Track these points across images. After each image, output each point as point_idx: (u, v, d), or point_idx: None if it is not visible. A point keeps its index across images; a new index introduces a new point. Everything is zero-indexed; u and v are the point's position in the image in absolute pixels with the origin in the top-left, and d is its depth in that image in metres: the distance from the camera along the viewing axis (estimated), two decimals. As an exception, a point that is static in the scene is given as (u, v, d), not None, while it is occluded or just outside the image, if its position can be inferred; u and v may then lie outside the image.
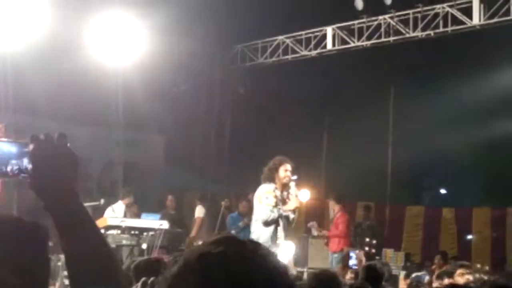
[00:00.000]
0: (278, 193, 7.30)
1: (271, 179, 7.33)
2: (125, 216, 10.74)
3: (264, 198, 7.22)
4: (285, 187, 7.39)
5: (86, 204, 1.73)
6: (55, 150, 1.46)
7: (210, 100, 17.62)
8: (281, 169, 7.36)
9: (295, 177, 7.44)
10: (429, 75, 17.21)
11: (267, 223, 7.14)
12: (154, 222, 10.10)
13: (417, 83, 17.29)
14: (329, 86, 17.82)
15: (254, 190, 12.47)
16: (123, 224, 9.69)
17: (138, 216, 10.90)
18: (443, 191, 23.38)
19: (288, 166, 7.40)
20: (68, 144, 1.51)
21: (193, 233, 12.12)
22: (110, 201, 11.18)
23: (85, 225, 1.43)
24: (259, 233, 7.17)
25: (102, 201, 10.62)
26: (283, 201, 7.35)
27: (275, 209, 7.17)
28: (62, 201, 1.41)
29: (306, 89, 17.45)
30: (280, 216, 7.18)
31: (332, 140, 18.45)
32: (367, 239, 11.91)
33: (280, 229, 7.20)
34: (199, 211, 12.24)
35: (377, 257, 11.57)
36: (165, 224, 10.02)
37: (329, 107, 18.38)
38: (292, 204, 7.28)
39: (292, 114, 17.37)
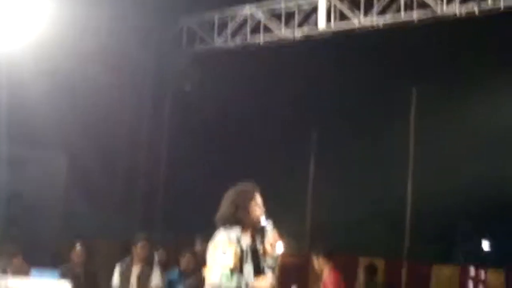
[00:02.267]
0: (245, 243, 7.08)
1: (235, 220, 7.10)
2: (3, 272, 10.55)
3: (219, 254, 6.98)
4: (256, 230, 7.20)
5: None
6: None
7: (139, 102, 17.52)
8: (251, 204, 7.15)
9: (268, 221, 7.28)
10: (468, 75, 17.46)
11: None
12: (50, 283, 10.11)
13: (450, 86, 17.51)
14: (319, 85, 17.96)
15: (204, 237, 12.42)
16: (3, 287, 9.52)
17: (26, 273, 10.81)
18: (486, 244, 23.56)
19: (259, 199, 7.24)
20: None
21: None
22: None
23: None
24: None
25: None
26: (255, 254, 7.14)
27: (234, 276, 6.90)
28: None
29: (285, 89, 17.51)
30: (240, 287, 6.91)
31: (322, 165, 18.46)
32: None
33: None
34: (114, 279, 12.01)
35: None
36: (67, 286, 9.96)
37: (319, 117, 18.47)
38: (264, 282, 7.08)
39: (263, 126, 17.40)
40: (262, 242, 7.19)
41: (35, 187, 15.86)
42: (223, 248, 6.86)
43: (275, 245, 7.16)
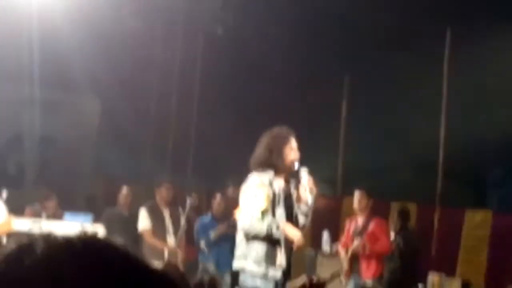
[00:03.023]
0: (278, 186, 7.06)
1: (269, 164, 7.09)
2: (38, 216, 10.73)
3: (250, 196, 6.97)
4: (291, 175, 7.20)
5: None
6: None
7: (171, 47, 17.51)
8: (286, 148, 7.13)
9: (302, 167, 7.28)
10: (505, 13, 17.20)
11: (249, 237, 6.91)
12: (84, 226, 9.98)
13: (485, 26, 17.26)
14: (353, 28, 17.81)
15: (235, 183, 12.46)
16: (37, 230, 9.56)
17: (59, 217, 10.97)
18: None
19: (294, 143, 7.22)
20: None
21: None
22: (16, 193, 11.22)
23: None
24: (245, 249, 6.96)
25: (4, 193, 10.57)
26: (288, 199, 7.14)
27: (265, 218, 6.88)
28: None
29: (318, 33, 17.39)
30: (270, 229, 6.89)
31: (353, 110, 18.36)
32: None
33: (280, 250, 6.95)
34: (143, 221, 12.06)
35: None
36: (101, 231, 10.12)
37: (351, 60, 18.33)
38: (295, 231, 7.07)
39: (295, 70, 17.33)
40: (297, 187, 7.20)
41: (68, 132, 15.99)
42: (255, 190, 6.87)
43: (309, 191, 7.16)
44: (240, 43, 16.88)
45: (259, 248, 6.84)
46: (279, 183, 7.05)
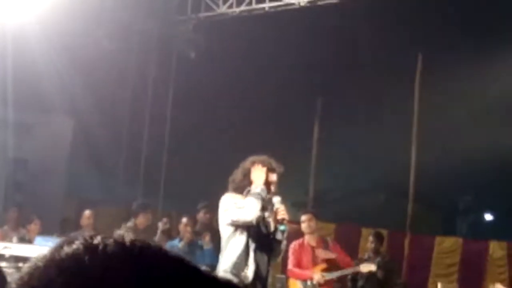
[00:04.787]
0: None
1: (242, 187, 7.31)
2: (8, 239, 10.71)
3: (240, 201, 7.25)
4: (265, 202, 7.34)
5: None
6: None
7: (144, 69, 17.49)
8: (258, 174, 7.34)
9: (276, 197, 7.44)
10: (475, 41, 17.37)
11: (234, 223, 7.15)
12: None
13: (456, 52, 17.42)
14: (325, 52, 17.88)
15: (209, 205, 12.48)
16: (7, 253, 9.58)
17: (28, 240, 10.94)
18: (488, 216, 23.53)
19: (272, 172, 7.40)
20: None
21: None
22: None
23: None
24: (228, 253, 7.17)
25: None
26: (263, 221, 7.33)
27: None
28: None
29: (290, 56, 17.45)
30: (258, 218, 7.14)
31: (326, 134, 18.44)
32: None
33: (252, 244, 7.17)
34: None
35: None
36: None
37: (324, 85, 18.40)
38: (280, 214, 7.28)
39: (268, 92, 17.37)
40: (269, 216, 7.35)
41: (41, 153, 15.87)
42: (235, 200, 7.11)
43: (281, 220, 7.31)
44: (212, 65, 16.91)
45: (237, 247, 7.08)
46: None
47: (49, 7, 13.86)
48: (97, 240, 1.20)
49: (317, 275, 11.28)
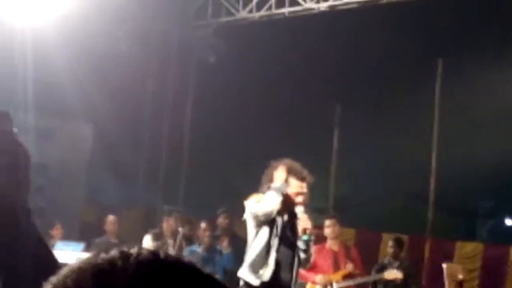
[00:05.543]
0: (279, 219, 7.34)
1: (276, 189, 7.36)
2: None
3: (252, 202, 7.33)
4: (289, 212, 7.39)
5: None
6: None
7: (163, 74, 17.52)
8: (294, 181, 7.41)
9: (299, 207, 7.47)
10: (496, 46, 17.29)
11: (255, 217, 7.21)
12: (76, 255, 9.80)
13: (478, 57, 17.33)
14: (345, 57, 17.86)
15: (228, 211, 12.48)
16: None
17: (51, 245, 10.77)
18: (509, 221, 23.42)
19: (304, 184, 7.45)
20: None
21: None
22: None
23: None
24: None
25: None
26: (287, 230, 7.36)
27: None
28: None
29: (310, 61, 17.44)
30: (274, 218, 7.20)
31: (345, 140, 18.40)
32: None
33: (274, 245, 7.23)
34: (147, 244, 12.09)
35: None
36: None
37: (343, 90, 18.37)
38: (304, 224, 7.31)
39: (287, 98, 17.35)
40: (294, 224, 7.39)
41: (61, 158, 15.93)
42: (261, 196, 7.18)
43: (304, 230, 7.33)
44: (232, 70, 16.92)
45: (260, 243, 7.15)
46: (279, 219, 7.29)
47: (68, 11, 13.93)
48: (133, 250, 1.24)
49: (321, 279, 11.30)
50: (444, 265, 12.74)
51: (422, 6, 15.21)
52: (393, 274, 12.10)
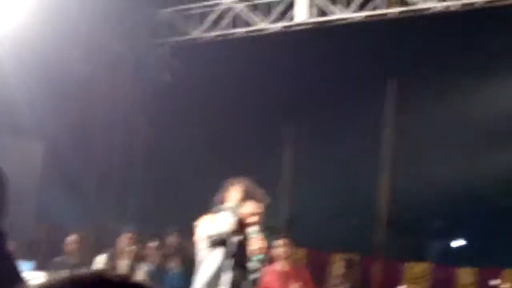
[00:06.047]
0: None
1: (227, 209, 7.38)
2: None
3: (206, 222, 7.28)
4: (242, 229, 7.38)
5: None
6: None
7: (117, 92, 17.41)
8: (248, 202, 7.40)
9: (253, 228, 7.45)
10: (446, 69, 17.46)
11: (210, 239, 7.18)
12: (26, 274, 9.82)
13: (431, 78, 17.49)
14: (298, 78, 17.93)
15: (180, 230, 12.42)
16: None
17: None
18: (459, 242, 23.59)
19: (261, 204, 7.45)
20: None
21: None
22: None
23: None
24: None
25: None
26: (240, 248, 7.35)
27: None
28: None
29: (263, 81, 17.47)
30: (227, 239, 7.17)
31: (297, 160, 18.47)
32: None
33: (226, 266, 7.20)
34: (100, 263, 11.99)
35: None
36: (41, 278, 9.90)
37: (296, 110, 18.42)
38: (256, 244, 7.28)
39: (240, 117, 17.36)
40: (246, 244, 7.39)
41: (11, 176, 15.72)
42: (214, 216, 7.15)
43: (257, 251, 7.33)
44: (189, 90, 16.90)
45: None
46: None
47: (21, 24, 13.81)
48: (83, 272, 1.29)
49: None
50: None
51: (372, 27, 15.34)
52: None
